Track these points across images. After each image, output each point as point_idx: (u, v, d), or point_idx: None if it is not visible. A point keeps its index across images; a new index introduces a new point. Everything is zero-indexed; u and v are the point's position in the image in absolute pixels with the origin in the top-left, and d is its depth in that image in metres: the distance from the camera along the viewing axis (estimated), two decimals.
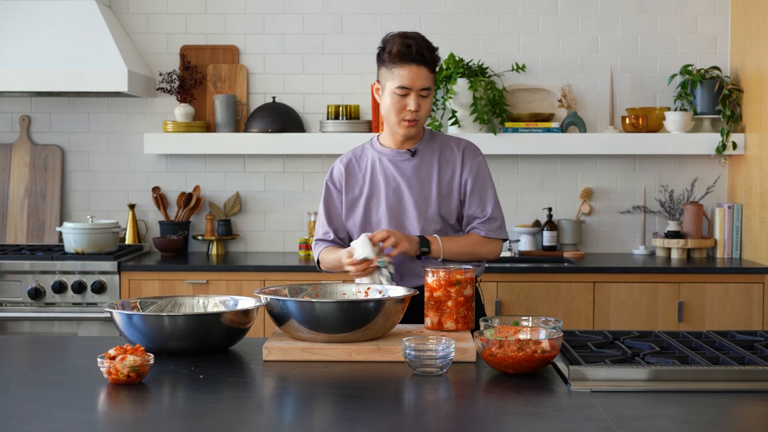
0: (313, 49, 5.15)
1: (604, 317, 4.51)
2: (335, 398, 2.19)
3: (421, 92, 3.00)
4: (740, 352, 2.42)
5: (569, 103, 5.03)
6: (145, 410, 2.08)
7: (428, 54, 2.98)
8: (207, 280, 4.59)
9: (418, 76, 2.98)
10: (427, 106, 3.03)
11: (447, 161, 3.11)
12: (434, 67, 3.02)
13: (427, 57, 2.98)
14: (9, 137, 5.20)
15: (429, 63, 2.99)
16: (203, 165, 5.19)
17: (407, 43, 2.97)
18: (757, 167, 4.70)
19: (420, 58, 2.97)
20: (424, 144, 3.13)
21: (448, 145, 3.14)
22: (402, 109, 3.01)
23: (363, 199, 3.12)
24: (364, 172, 3.14)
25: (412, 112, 3.00)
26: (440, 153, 3.12)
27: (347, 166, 3.16)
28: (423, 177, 3.09)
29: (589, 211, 5.13)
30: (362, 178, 3.14)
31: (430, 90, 3.01)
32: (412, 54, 2.96)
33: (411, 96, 2.99)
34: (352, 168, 3.16)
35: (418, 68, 2.97)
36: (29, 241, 5.10)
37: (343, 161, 3.18)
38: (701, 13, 5.10)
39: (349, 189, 3.14)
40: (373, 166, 3.13)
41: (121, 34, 4.98)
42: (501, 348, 2.29)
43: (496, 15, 5.12)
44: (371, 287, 2.80)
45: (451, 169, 3.11)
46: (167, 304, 2.73)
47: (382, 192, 3.10)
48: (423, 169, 3.10)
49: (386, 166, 3.12)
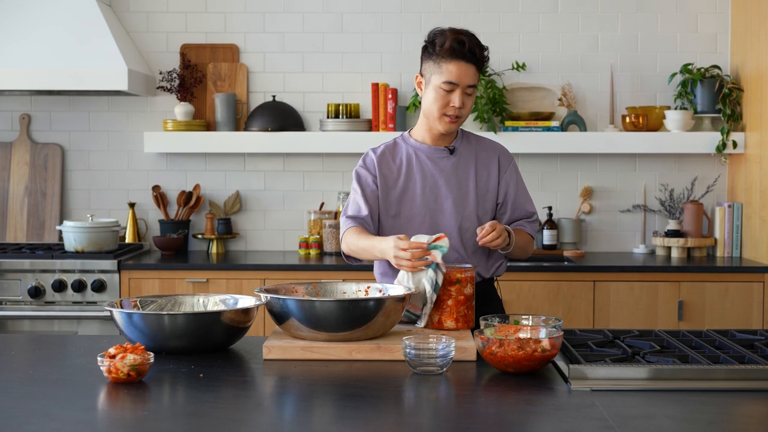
0: (313, 48, 5.15)
1: (604, 316, 4.51)
2: (335, 397, 2.19)
3: (466, 89, 2.97)
4: (740, 351, 2.42)
5: (569, 102, 5.03)
6: (145, 409, 2.09)
7: (479, 52, 2.96)
8: (207, 279, 4.59)
9: (466, 73, 2.95)
10: (470, 104, 3.01)
11: (483, 162, 3.10)
12: (482, 66, 3.00)
13: (477, 55, 2.96)
14: (9, 136, 5.20)
15: (478, 61, 2.97)
16: (203, 164, 5.18)
17: (460, 39, 2.93)
18: (757, 166, 4.70)
19: (470, 56, 2.94)
20: (461, 142, 3.11)
21: (483, 147, 3.14)
22: (446, 104, 2.98)
23: (396, 193, 3.05)
24: (399, 165, 3.07)
25: (456, 109, 2.97)
26: (477, 153, 3.11)
27: (381, 156, 3.09)
28: (461, 175, 3.06)
29: (589, 210, 5.13)
30: (397, 171, 3.07)
31: (475, 88, 3.00)
32: (464, 51, 2.93)
33: (456, 92, 2.96)
34: (386, 159, 3.09)
35: (467, 65, 2.94)
36: (29, 240, 5.10)
37: (377, 151, 3.10)
38: (701, 12, 5.10)
39: (385, 180, 3.06)
40: (409, 160, 3.08)
41: (122, 33, 4.98)
42: (501, 347, 2.29)
43: (496, 14, 5.11)
44: (371, 286, 2.79)
45: (487, 171, 3.10)
46: (167, 302, 2.73)
47: (417, 187, 3.05)
48: (461, 168, 3.07)
49: (423, 162, 3.07)
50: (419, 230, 3.00)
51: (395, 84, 5.09)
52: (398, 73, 5.10)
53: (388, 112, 4.97)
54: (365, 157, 3.11)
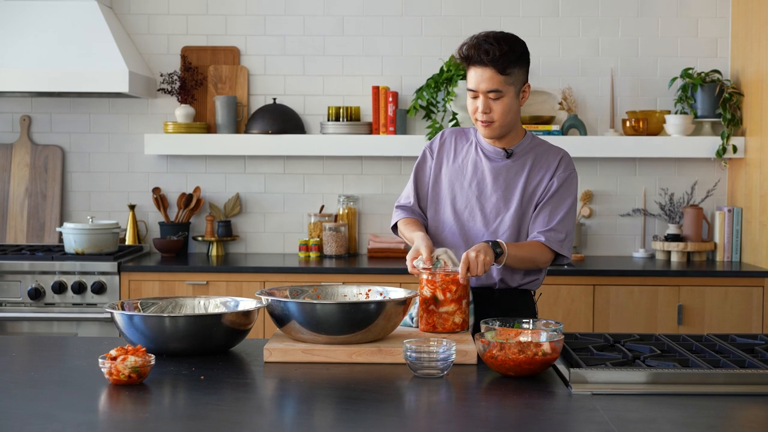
0: (314, 51, 5.15)
1: (604, 320, 4.51)
2: (336, 400, 2.19)
3: (488, 95, 2.92)
4: (740, 356, 2.42)
5: (570, 106, 5.04)
6: (146, 411, 2.09)
7: (485, 56, 2.88)
8: (207, 281, 4.59)
9: (482, 78, 2.91)
10: (500, 108, 2.93)
11: (539, 168, 3.03)
12: (503, 68, 2.90)
13: (485, 59, 2.89)
14: (9, 137, 5.20)
15: (493, 63, 2.89)
16: (203, 166, 5.19)
17: (470, 44, 2.91)
18: (758, 171, 4.71)
19: (480, 61, 2.90)
20: (523, 147, 3.06)
21: (546, 154, 3.06)
22: (474, 110, 2.97)
23: (450, 184, 3.06)
24: (457, 153, 3.09)
25: (482, 114, 2.94)
26: (535, 159, 3.04)
27: (449, 139, 3.12)
28: (511, 179, 3.02)
29: (589, 214, 5.13)
30: (454, 158, 3.08)
31: (500, 92, 2.91)
32: (473, 57, 2.91)
33: (480, 98, 2.94)
34: (451, 144, 3.11)
35: (483, 70, 2.90)
36: (29, 242, 5.10)
37: (446, 133, 3.14)
38: (702, 16, 5.10)
39: (441, 163, 3.09)
40: (468, 152, 3.08)
41: (122, 35, 4.98)
42: (502, 350, 2.30)
43: (497, 17, 5.12)
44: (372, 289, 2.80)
45: (540, 176, 3.02)
46: (168, 305, 2.73)
47: (466, 179, 3.05)
48: (513, 171, 3.03)
49: (480, 157, 3.06)
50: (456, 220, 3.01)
51: (396, 87, 5.09)
52: (399, 77, 5.10)
53: (388, 116, 4.97)
54: (434, 138, 3.16)
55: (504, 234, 3.00)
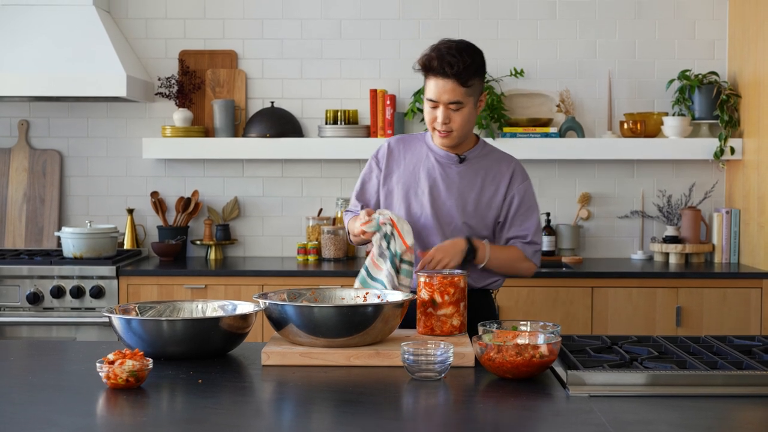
0: (312, 54, 5.16)
1: (603, 322, 4.52)
2: (334, 403, 2.19)
3: (449, 105, 2.94)
4: (738, 357, 2.42)
5: (567, 108, 5.04)
6: (144, 415, 2.09)
7: (449, 68, 2.89)
8: (205, 285, 4.59)
9: (444, 90, 2.92)
10: (459, 119, 2.96)
11: (493, 178, 3.07)
12: (465, 80, 2.91)
13: (449, 71, 2.89)
14: (7, 142, 5.21)
15: (456, 76, 2.90)
16: (202, 170, 5.19)
17: (430, 55, 2.92)
18: (755, 172, 4.71)
19: (443, 72, 2.90)
20: (475, 154, 3.09)
21: (499, 163, 3.10)
22: (433, 119, 2.99)
23: (403, 193, 3.09)
24: (407, 161, 3.11)
25: (441, 124, 2.97)
26: (489, 167, 3.08)
27: (396, 147, 3.14)
28: (464, 187, 3.06)
29: (587, 216, 5.14)
30: (404, 166, 3.11)
31: (461, 104, 2.94)
32: (434, 68, 2.91)
33: (440, 108, 2.96)
34: (398, 153, 3.13)
35: (445, 81, 2.91)
36: (28, 246, 5.10)
37: (392, 143, 3.16)
38: (699, 18, 5.11)
39: (390, 173, 3.12)
40: (420, 159, 3.10)
41: (120, 39, 4.98)
42: (499, 353, 2.30)
43: (495, 20, 5.13)
44: (370, 292, 2.80)
45: (495, 186, 3.07)
46: (166, 308, 2.73)
47: (420, 187, 3.07)
48: (467, 178, 3.06)
49: (432, 164, 3.08)
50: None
51: (393, 90, 5.10)
52: (396, 80, 5.11)
53: (386, 119, 4.97)
54: (380, 148, 3.18)
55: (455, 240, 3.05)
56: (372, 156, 3.19)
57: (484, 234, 3.09)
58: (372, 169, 3.17)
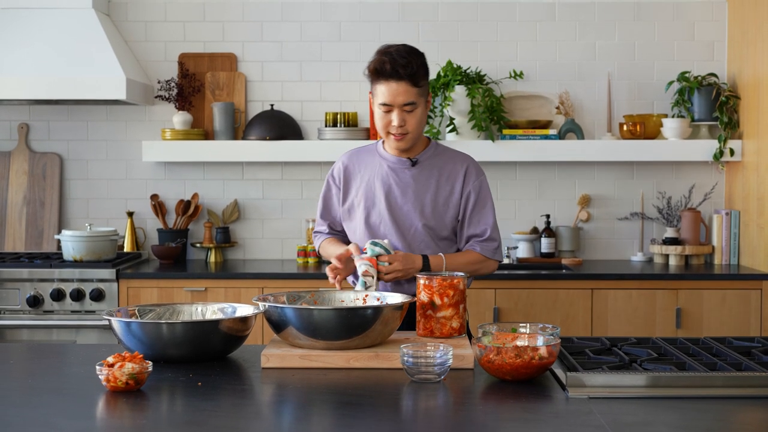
0: (311, 57, 5.16)
1: (602, 324, 4.52)
2: (333, 405, 2.19)
3: (404, 107, 2.96)
4: (737, 359, 2.43)
5: (567, 110, 5.04)
6: (143, 417, 2.09)
7: (403, 70, 2.92)
8: (205, 288, 4.59)
9: (398, 92, 2.95)
10: (414, 120, 2.99)
11: (448, 177, 3.10)
12: (417, 81, 2.96)
13: (402, 73, 2.92)
14: (7, 145, 5.21)
15: (409, 77, 2.94)
16: (201, 172, 5.19)
17: (382, 60, 2.94)
18: (755, 174, 4.71)
19: (395, 75, 2.93)
20: (427, 156, 3.12)
21: (452, 161, 3.13)
22: (387, 124, 3.00)
23: (362, 205, 3.12)
24: (362, 174, 3.15)
25: (396, 128, 2.99)
26: (442, 167, 3.11)
27: (348, 166, 3.18)
28: (421, 188, 3.09)
29: (587, 218, 5.14)
30: (360, 180, 3.15)
31: (414, 104, 2.97)
32: (387, 71, 2.93)
33: (394, 112, 2.98)
34: (353, 168, 3.17)
35: (397, 84, 2.94)
36: (28, 249, 5.10)
37: (345, 160, 3.20)
38: (698, 20, 5.11)
39: (348, 189, 3.17)
40: (374, 170, 3.14)
41: (120, 42, 4.99)
42: (499, 355, 2.30)
43: (494, 22, 5.13)
44: (369, 294, 2.80)
45: (451, 185, 3.10)
46: (165, 311, 2.74)
47: (377, 198, 3.10)
48: (421, 180, 3.09)
49: (386, 172, 3.12)
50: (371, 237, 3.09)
51: None
52: None
53: None
54: (334, 167, 3.22)
55: (420, 244, 3.08)
56: (328, 175, 3.23)
57: (445, 235, 3.11)
58: (330, 188, 3.22)
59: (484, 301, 4.51)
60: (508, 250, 5.05)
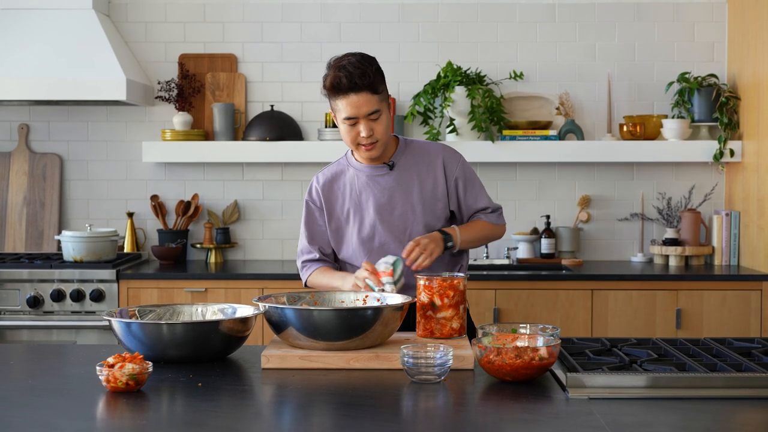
0: (312, 58, 5.16)
1: (602, 325, 4.52)
2: (333, 406, 2.19)
3: (369, 117, 2.93)
4: (737, 359, 2.42)
5: (567, 111, 5.04)
6: (143, 418, 2.09)
7: (361, 80, 2.89)
8: (205, 288, 4.59)
9: (360, 103, 2.91)
10: (381, 126, 2.95)
11: (427, 170, 3.08)
12: (376, 88, 2.93)
13: (360, 83, 2.89)
14: (8, 146, 5.21)
15: (368, 87, 2.90)
16: (202, 173, 5.19)
17: (337, 75, 2.89)
18: (755, 174, 4.71)
19: (354, 87, 2.89)
20: (401, 155, 3.09)
21: (426, 154, 3.10)
22: (356, 136, 2.96)
23: (350, 221, 3.09)
24: (343, 191, 3.10)
25: (365, 138, 2.95)
26: (419, 162, 3.08)
27: (325, 184, 3.13)
28: (405, 189, 3.06)
29: (587, 219, 5.14)
30: (342, 197, 3.10)
31: (378, 111, 2.94)
32: (345, 85, 2.89)
33: (360, 123, 2.94)
34: (330, 187, 3.12)
35: (357, 96, 2.90)
36: (28, 250, 5.10)
37: (320, 181, 3.14)
38: (698, 21, 5.12)
39: (332, 209, 3.12)
40: (352, 184, 3.09)
41: (120, 43, 4.99)
42: (499, 355, 2.30)
43: (494, 23, 5.13)
44: (369, 295, 2.80)
45: (433, 177, 3.07)
46: (166, 312, 2.74)
47: (365, 210, 3.07)
48: (403, 182, 3.06)
49: (366, 183, 3.07)
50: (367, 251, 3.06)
51: (393, 93, 5.10)
52: (396, 83, 5.11)
53: None
54: (310, 188, 3.16)
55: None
56: (306, 200, 3.16)
57: (439, 227, 3.09)
58: (312, 211, 3.15)
59: (484, 301, 4.51)
60: (508, 251, 5.06)
